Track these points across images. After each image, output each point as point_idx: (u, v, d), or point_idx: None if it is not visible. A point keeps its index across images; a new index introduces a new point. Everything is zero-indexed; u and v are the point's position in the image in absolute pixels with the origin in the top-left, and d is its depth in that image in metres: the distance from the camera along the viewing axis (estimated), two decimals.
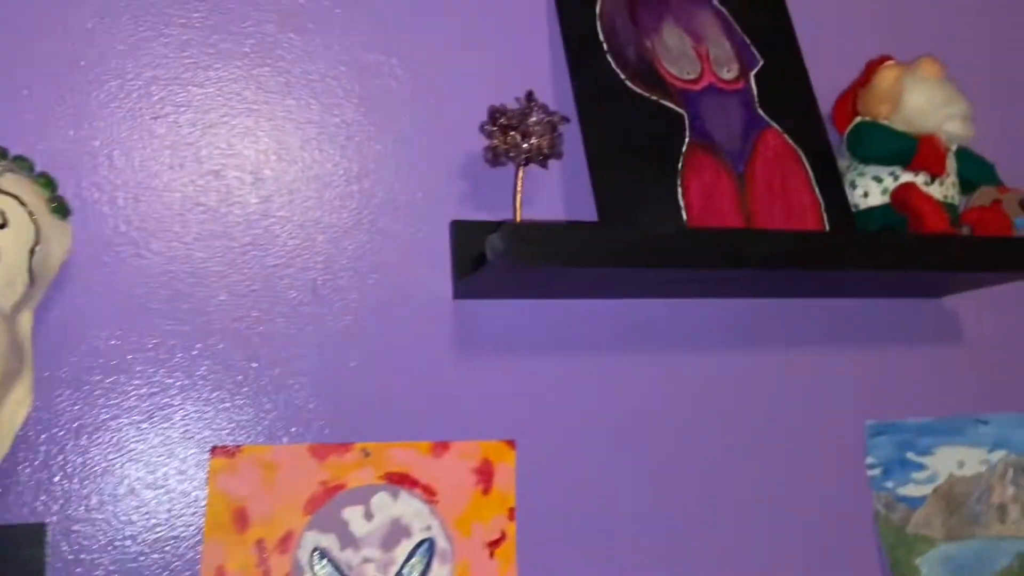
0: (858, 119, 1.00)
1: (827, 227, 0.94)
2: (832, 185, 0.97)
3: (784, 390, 0.99)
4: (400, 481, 0.81)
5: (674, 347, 0.95)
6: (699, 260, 0.78)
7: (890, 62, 1.02)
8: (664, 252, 0.77)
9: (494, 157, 0.82)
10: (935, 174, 0.96)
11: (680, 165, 0.91)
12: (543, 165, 0.83)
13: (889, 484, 1.01)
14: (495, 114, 0.81)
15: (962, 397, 1.07)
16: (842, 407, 1.01)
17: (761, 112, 0.98)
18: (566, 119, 0.84)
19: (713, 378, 0.96)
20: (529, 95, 0.83)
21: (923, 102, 0.96)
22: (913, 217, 0.93)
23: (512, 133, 0.81)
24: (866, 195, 0.97)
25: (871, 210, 0.97)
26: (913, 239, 0.88)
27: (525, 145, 0.81)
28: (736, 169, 0.93)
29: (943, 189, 0.96)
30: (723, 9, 1.02)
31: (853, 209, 0.99)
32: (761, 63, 1.00)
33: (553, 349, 0.90)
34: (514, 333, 0.88)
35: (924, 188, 0.95)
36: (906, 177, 0.96)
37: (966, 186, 1.01)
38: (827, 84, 1.06)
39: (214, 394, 0.79)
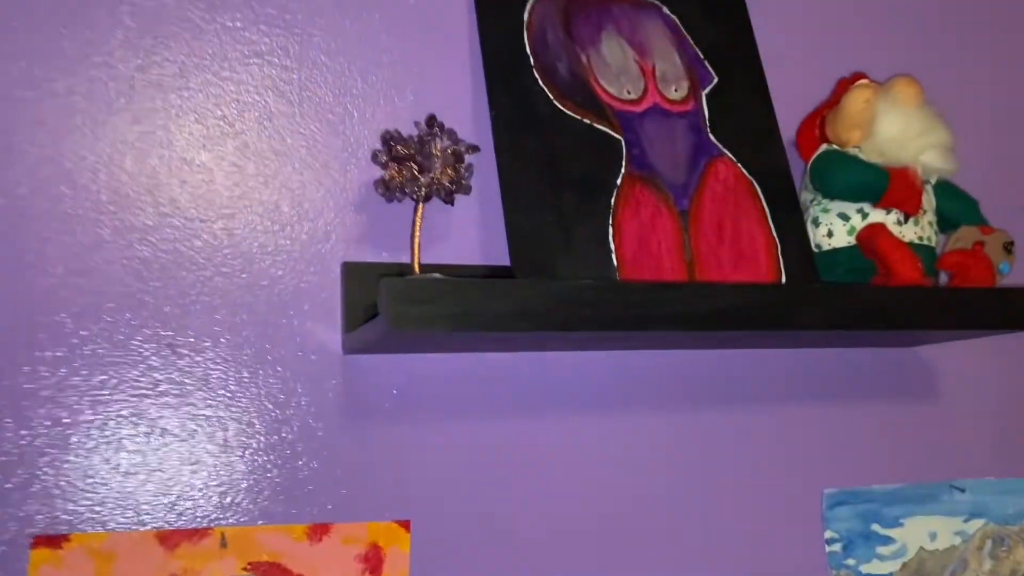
0: (824, 147, 0.88)
1: (783, 274, 0.82)
2: (792, 223, 0.85)
3: (731, 453, 0.87)
4: (268, 573, 0.69)
5: (603, 406, 0.83)
6: (623, 322, 0.66)
7: (863, 81, 0.89)
8: (580, 313, 0.64)
9: (387, 191, 0.69)
10: (909, 213, 0.84)
11: (613, 200, 0.79)
12: (447, 201, 0.71)
13: (851, 561, 0.89)
14: (388, 142, 0.69)
15: (935, 460, 0.95)
16: (798, 472, 0.89)
17: (712, 137, 0.85)
18: (474, 148, 0.72)
19: (648, 441, 0.84)
20: (430, 120, 0.70)
21: (897, 129, 0.84)
22: (881, 266, 0.81)
23: (408, 164, 0.68)
24: (830, 234, 0.85)
25: (836, 252, 0.85)
26: (880, 293, 0.76)
27: (423, 178, 0.68)
28: (679, 205, 0.81)
29: (918, 229, 0.84)
30: (674, 17, 0.89)
31: (815, 250, 0.87)
32: (716, 81, 0.88)
33: (458, 412, 0.77)
34: (413, 393, 0.76)
35: (896, 229, 0.83)
36: (876, 215, 0.84)
37: (945, 224, 0.89)
38: (792, 105, 0.94)
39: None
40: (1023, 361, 1.01)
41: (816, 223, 0.87)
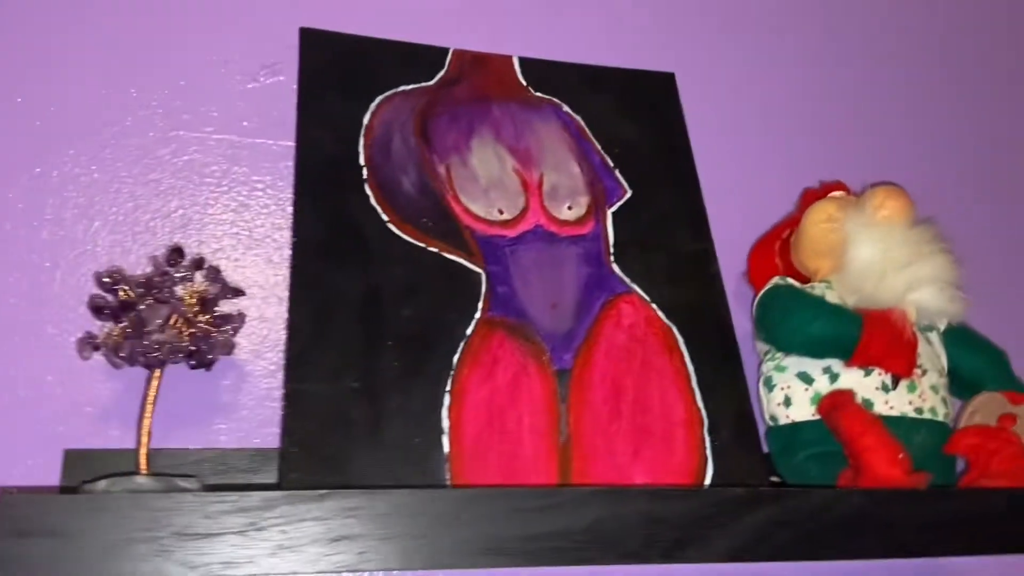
0: (775, 280, 0.64)
1: (710, 464, 0.57)
2: (730, 387, 0.61)
3: None
4: None
5: None
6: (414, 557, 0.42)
7: (834, 194, 0.67)
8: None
9: (91, 353, 0.49)
10: (897, 374, 0.58)
11: (457, 358, 0.57)
12: (197, 364, 0.50)
13: None
14: (103, 282, 0.49)
15: None
16: None
17: (617, 268, 0.63)
18: (237, 291, 0.52)
19: None
20: (174, 252, 0.51)
21: (874, 258, 0.60)
22: (848, 455, 0.55)
23: (125, 318, 0.48)
24: (788, 403, 0.61)
25: (796, 428, 0.60)
26: (850, 500, 0.50)
27: (146, 340, 0.48)
28: (558, 362, 0.58)
29: (915, 397, 0.59)
30: (577, 118, 0.70)
31: (769, 424, 0.62)
32: (628, 195, 0.67)
33: None
34: None
35: (879, 397, 0.58)
36: (849, 378, 0.59)
37: (964, 389, 0.63)
38: (742, 224, 0.72)
39: None
40: None
41: (769, 386, 0.62)
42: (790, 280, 0.63)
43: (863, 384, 0.58)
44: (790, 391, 0.60)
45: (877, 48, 0.84)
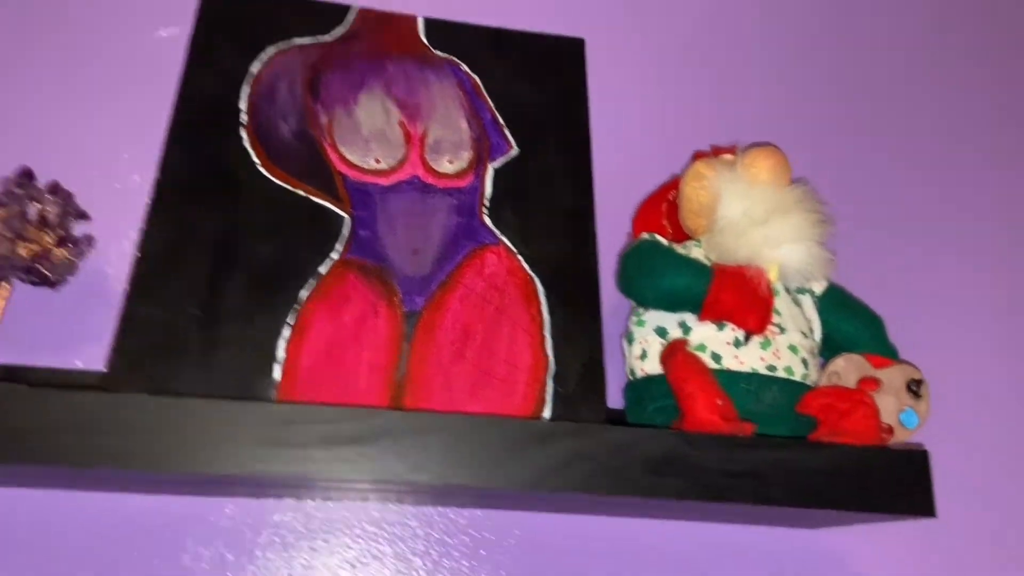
0: (644, 236, 0.64)
1: (547, 406, 0.57)
2: (584, 337, 0.61)
3: None
4: None
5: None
6: (182, 459, 0.44)
7: (727, 156, 0.66)
8: (105, 443, 0.43)
9: None
10: (750, 330, 0.58)
11: (305, 293, 0.58)
12: (40, 282, 0.53)
13: None
14: None
15: None
16: None
17: (488, 221, 0.64)
18: (82, 214, 0.55)
19: None
20: (23, 175, 0.54)
21: (736, 214, 0.60)
22: (679, 402, 0.55)
23: None
24: (644, 356, 0.60)
25: (649, 382, 0.60)
26: (660, 441, 0.50)
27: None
28: (409, 304, 0.59)
29: (768, 354, 0.58)
30: (475, 77, 0.71)
31: (629, 377, 0.62)
32: (514, 153, 0.68)
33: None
34: None
35: (728, 352, 0.57)
36: (701, 332, 0.58)
37: (837, 353, 0.62)
38: (636, 180, 0.72)
39: None
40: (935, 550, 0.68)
41: (630, 340, 0.62)
42: (657, 237, 0.63)
43: (715, 338, 0.58)
44: (647, 345, 0.60)
45: (782, 14, 0.82)
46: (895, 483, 0.51)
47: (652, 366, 0.60)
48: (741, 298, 0.57)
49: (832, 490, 0.50)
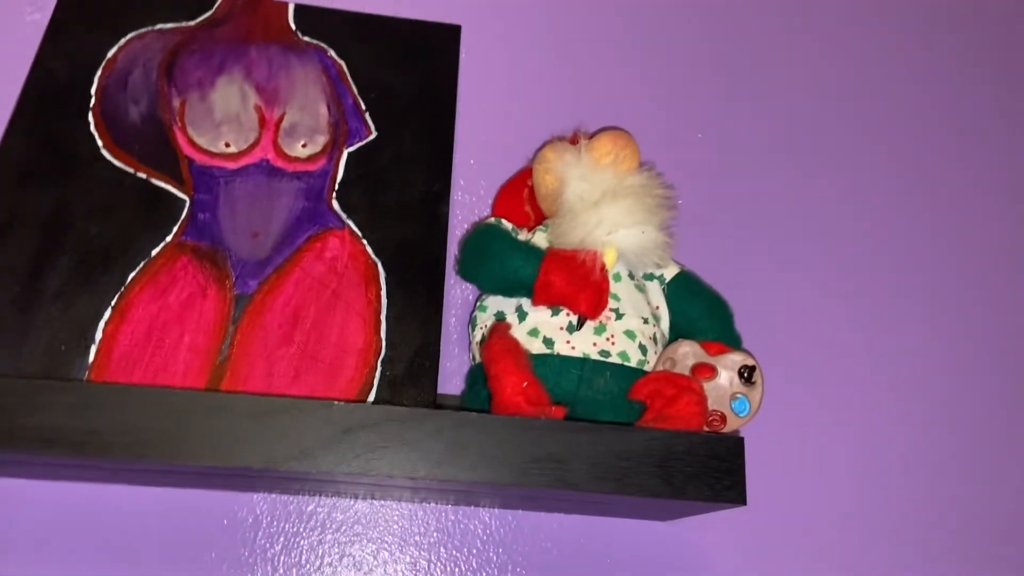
0: (492, 220, 0.63)
1: (371, 397, 0.57)
2: (421, 323, 0.60)
3: None
4: None
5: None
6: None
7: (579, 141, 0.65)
8: None
9: None
10: (583, 314, 0.57)
11: (133, 275, 0.58)
12: None
13: None
14: None
15: None
16: None
17: (336, 205, 0.63)
18: None
19: None
20: None
21: (571, 199, 0.59)
22: (489, 385, 0.54)
23: None
24: (483, 341, 0.59)
25: (483, 366, 0.59)
26: (462, 427, 0.49)
27: None
28: (241, 287, 0.59)
29: (602, 340, 0.56)
30: (341, 63, 0.70)
31: (472, 362, 0.61)
32: (372, 136, 0.67)
33: None
34: None
35: (561, 337, 0.56)
36: (536, 316, 0.58)
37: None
38: (506, 167, 0.71)
39: None
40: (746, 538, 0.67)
41: (473, 325, 0.61)
42: (500, 221, 0.62)
43: (549, 323, 0.57)
44: (487, 330, 0.59)
45: (656, 4, 0.81)
46: (705, 470, 0.50)
47: None
48: (572, 282, 0.56)
49: (637, 476, 0.49)
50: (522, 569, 0.62)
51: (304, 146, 0.66)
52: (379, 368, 0.57)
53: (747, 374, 0.56)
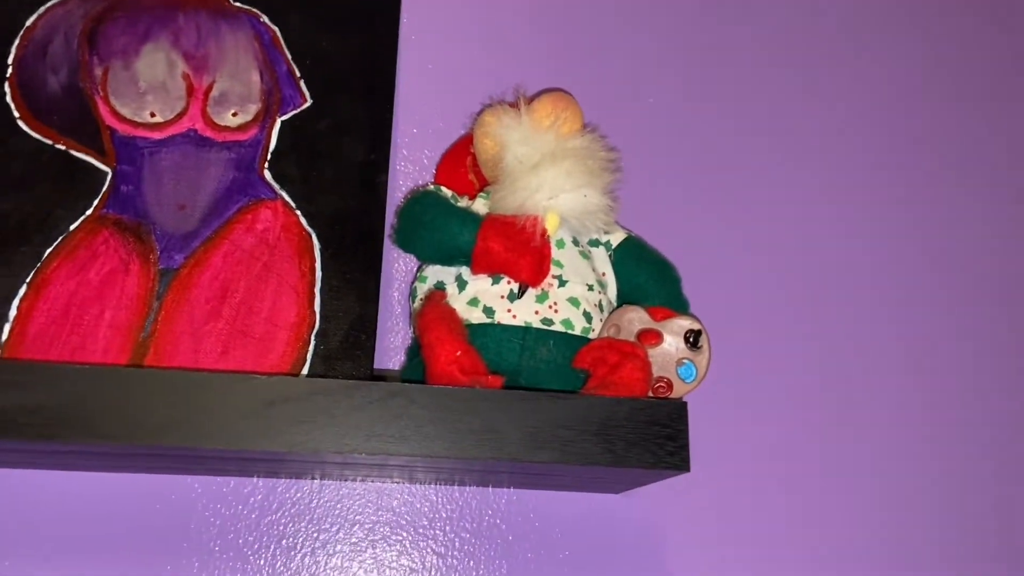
0: (426, 188, 0.61)
1: (304, 371, 0.54)
2: (357, 295, 0.57)
3: None
4: None
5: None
6: None
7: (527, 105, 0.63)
8: None
9: None
10: (525, 282, 0.55)
11: (50, 250, 0.55)
12: None
13: None
14: None
15: None
16: None
17: (268, 175, 0.61)
18: None
19: None
20: None
21: (510, 163, 0.56)
22: (423, 355, 0.51)
23: None
24: None
25: None
26: (390, 397, 0.47)
27: None
28: (166, 261, 0.56)
29: (544, 308, 0.54)
30: (275, 29, 0.67)
31: (412, 334, 0.59)
32: (306, 104, 0.64)
33: None
34: None
35: (501, 305, 0.54)
36: (476, 285, 0.55)
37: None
38: (448, 133, 0.69)
39: None
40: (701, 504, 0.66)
41: (413, 297, 0.59)
42: (438, 188, 0.60)
43: (489, 292, 0.55)
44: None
45: None
46: (646, 436, 0.48)
47: None
48: (511, 248, 0.54)
49: (577, 444, 0.47)
50: (469, 547, 0.60)
51: (235, 115, 0.63)
52: (313, 342, 0.55)
53: (693, 338, 0.54)
